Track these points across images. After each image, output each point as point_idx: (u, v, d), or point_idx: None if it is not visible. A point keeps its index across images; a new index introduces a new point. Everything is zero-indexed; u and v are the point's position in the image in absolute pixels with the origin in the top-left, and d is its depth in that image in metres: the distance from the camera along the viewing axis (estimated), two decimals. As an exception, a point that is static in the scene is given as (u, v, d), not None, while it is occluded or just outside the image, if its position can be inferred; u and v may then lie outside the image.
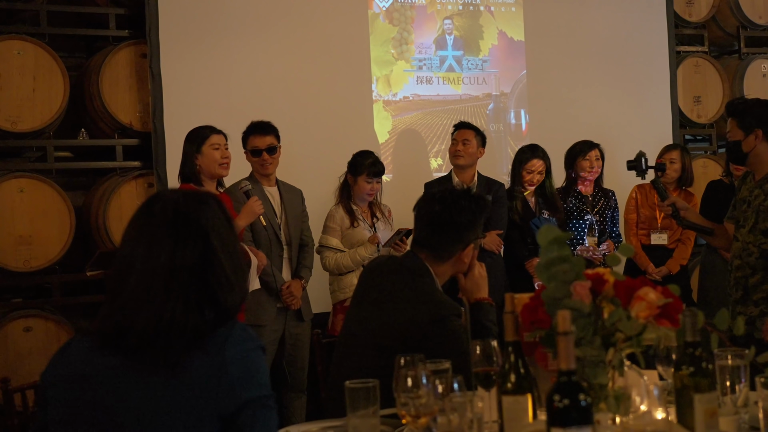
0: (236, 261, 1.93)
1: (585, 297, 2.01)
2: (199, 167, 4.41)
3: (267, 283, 4.73)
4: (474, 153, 5.39)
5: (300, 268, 4.95)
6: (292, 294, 4.82)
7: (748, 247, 4.01)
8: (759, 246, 3.97)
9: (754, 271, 3.99)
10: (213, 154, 4.41)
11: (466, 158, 5.38)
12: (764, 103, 4.15)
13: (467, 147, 5.36)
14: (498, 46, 6.54)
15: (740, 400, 2.36)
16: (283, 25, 5.84)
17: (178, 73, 5.54)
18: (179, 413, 1.77)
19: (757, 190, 4.03)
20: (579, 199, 5.62)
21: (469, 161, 5.39)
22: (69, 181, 5.72)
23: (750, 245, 4.00)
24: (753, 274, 4.00)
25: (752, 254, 3.99)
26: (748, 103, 4.10)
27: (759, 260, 3.97)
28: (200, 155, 4.41)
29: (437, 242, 2.95)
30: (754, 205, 4.02)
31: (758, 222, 3.99)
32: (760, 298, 3.96)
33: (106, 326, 1.84)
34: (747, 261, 4.01)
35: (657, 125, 6.92)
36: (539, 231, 2.07)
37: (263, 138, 4.84)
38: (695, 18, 7.34)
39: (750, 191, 4.08)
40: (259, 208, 4.51)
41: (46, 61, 5.42)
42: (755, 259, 3.99)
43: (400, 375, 2.10)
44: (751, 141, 4.00)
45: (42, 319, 5.26)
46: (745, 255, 4.03)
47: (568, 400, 1.69)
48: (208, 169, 4.42)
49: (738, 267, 4.07)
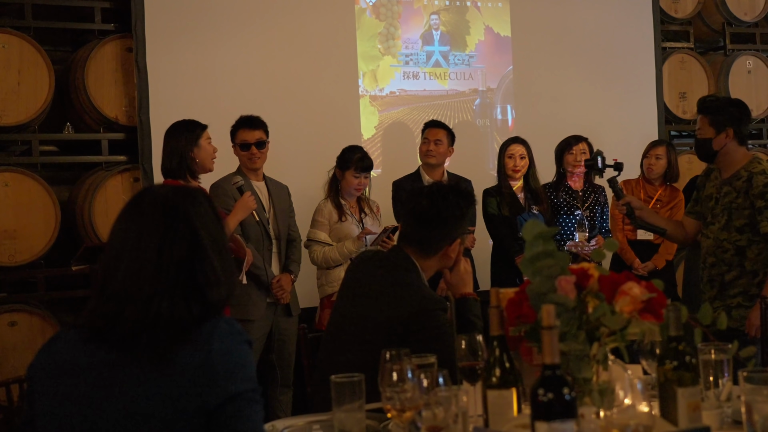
0: (224, 257, 1.94)
1: (570, 292, 2.02)
2: (196, 162, 4.36)
3: (257, 277, 4.73)
4: (445, 152, 5.40)
5: (289, 262, 4.95)
6: (283, 288, 4.81)
7: (722, 245, 4.09)
8: (734, 243, 4.06)
9: (730, 268, 4.08)
10: (209, 148, 4.39)
11: (438, 157, 5.38)
12: (736, 102, 4.22)
13: (439, 146, 5.37)
14: (484, 42, 6.55)
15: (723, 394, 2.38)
16: (269, 19, 5.83)
17: (164, 67, 5.52)
18: (165, 406, 1.77)
19: (726, 188, 4.10)
20: (569, 194, 5.63)
21: (440, 160, 5.41)
22: (54, 176, 5.70)
23: (724, 242, 4.08)
24: (729, 271, 4.08)
25: (727, 251, 4.08)
26: (721, 102, 4.17)
27: (734, 256, 4.06)
28: (198, 149, 4.34)
29: (425, 237, 2.95)
30: (724, 202, 4.08)
31: (732, 219, 4.06)
32: (738, 292, 4.05)
33: (93, 319, 1.85)
34: (722, 258, 4.09)
35: (643, 121, 6.95)
36: (524, 226, 2.08)
37: (252, 132, 4.83)
38: (681, 14, 7.37)
39: (717, 189, 4.14)
40: (252, 203, 4.52)
41: (31, 55, 5.39)
42: (731, 255, 4.07)
43: (385, 369, 2.10)
44: (722, 139, 4.06)
45: (27, 313, 5.25)
46: (719, 252, 4.10)
47: (553, 394, 1.70)
48: (204, 163, 4.38)
49: (713, 264, 4.14)
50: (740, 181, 4.06)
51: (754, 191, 4.00)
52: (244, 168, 4.87)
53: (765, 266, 4.02)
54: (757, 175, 4.02)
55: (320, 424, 2.49)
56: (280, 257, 4.93)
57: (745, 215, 4.04)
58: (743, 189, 4.04)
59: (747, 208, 4.03)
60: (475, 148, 6.49)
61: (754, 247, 4.04)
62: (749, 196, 4.01)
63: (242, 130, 4.85)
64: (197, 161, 4.35)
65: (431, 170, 5.42)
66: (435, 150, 5.36)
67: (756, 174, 4.02)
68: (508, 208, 5.44)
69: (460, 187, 3.08)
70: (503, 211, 5.44)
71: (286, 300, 4.86)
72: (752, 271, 4.04)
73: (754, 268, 4.04)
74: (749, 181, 4.03)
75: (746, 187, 4.03)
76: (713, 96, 4.31)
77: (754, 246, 4.04)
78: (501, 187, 5.52)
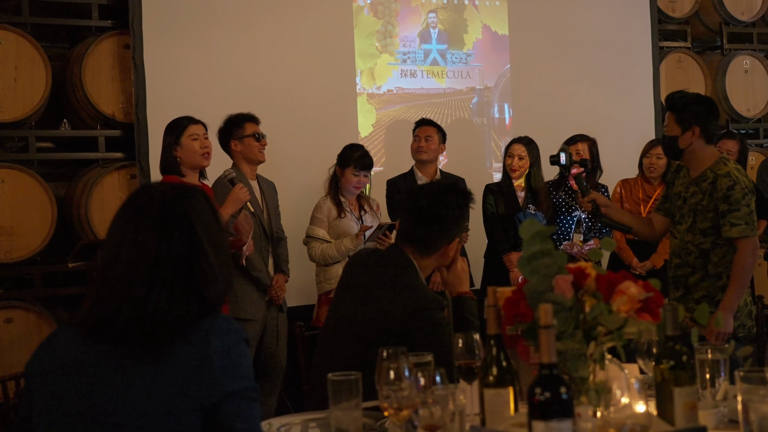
0: (221, 254, 1.95)
1: (567, 291, 2.02)
2: (179, 159, 4.38)
3: (258, 279, 4.73)
4: (436, 149, 5.46)
5: (281, 263, 4.96)
6: (281, 288, 4.87)
7: (687, 246, 4.00)
8: (698, 245, 3.97)
9: (694, 270, 3.98)
10: (192, 144, 4.38)
11: (429, 154, 5.44)
12: (704, 100, 4.12)
13: (429, 143, 5.43)
14: (482, 40, 6.54)
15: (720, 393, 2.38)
16: (267, 16, 5.83)
17: (161, 63, 5.51)
18: (162, 403, 1.78)
19: (693, 188, 4.00)
20: (569, 194, 5.63)
21: (432, 157, 5.46)
22: (51, 172, 5.68)
23: (689, 244, 3.99)
24: (693, 273, 3.99)
25: (692, 253, 3.99)
26: (688, 99, 4.04)
27: (698, 259, 3.96)
28: (179, 147, 4.36)
29: (423, 236, 2.95)
30: (690, 203, 4.00)
31: (696, 221, 3.97)
32: (701, 296, 3.94)
33: (91, 315, 1.86)
34: (686, 260, 4.00)
35: (640, 120, 6.95)
36: (521, 225, 2.08)
37: (258, 126, 4.89)
38: (678, 14, 7.38)
39: (685, 187, 4.04)
40: (244, 195, 4.49)
41: (28, 51, 5.38)
42: (695, 258, 3.97)
43: (382, 367, 2.10)
44: (688, 137, 3.96)
45: (23, 310, 5.23)
46: (684, 254, 4.01)
47: (549, 393, 1.70)
48: (188, 160, 4.38)
49: (678, 266, 4.05)
50: (706, 183, 3.94)
51: (718, 194, 3.88)
52: (247, 162, 4.86)
53: (728, 270, 3.91)
54: (721, 177, 3.90)
55: (317, 422, 2.49)
56: (274, 257, 4.94)
57: (709, 218, 3.93)
58: (708, 191, 3.93)
59: (711, 211, 3.92)
60: (472, 147, 6.49)
61: (718, 250, 3.93)
62: (713, 199, 3.91)
63: (250, 123, 4.87)
64: (180, 159, 4.35)
65: (424, 167, 5.46)
66: (426, 146, 5.43)
67: (720, 176, 3.90)
68: (504, 206, 5.46)
69: (459, 186, 3.08)
70: (499, 209, 5.47)
71: (281, 300, 4.89)
72: (715, 274, 3.93)
73: (717, 272, 3.93)
74: (714, 183, 3.91)
75: (711, 189, 3.92)
76: (681, 92, 4.17)
77: (718, 249, 3.93)
78: (502, 184, 5.56)
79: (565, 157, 4.30)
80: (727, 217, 3.87)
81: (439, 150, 5.50)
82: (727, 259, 3.92)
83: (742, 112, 7.48)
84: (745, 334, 3.98)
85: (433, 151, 5.45)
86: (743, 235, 3.87)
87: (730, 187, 3.87)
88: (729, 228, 3.87)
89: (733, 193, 3.87)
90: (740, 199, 3.87)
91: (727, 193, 3.87)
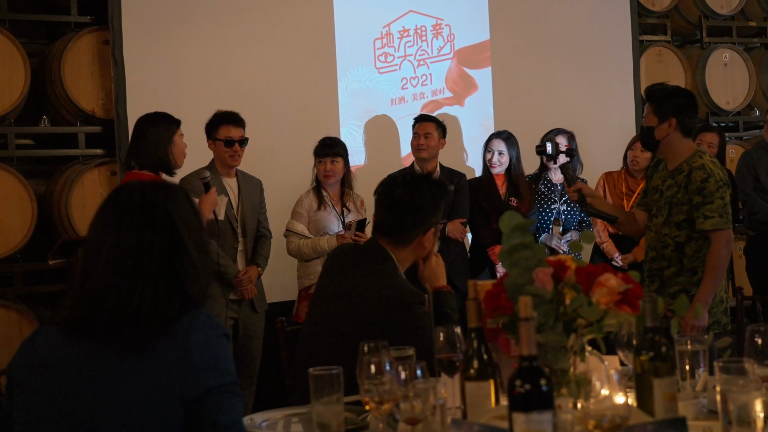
0: (203, 250, 1.97)
1: (547, 283, 2.03)
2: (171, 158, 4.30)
3: (221, 273, 4.63)
4: (436, 145, 5.42)
5: (257, 256, 4.91)
6: (250, 280, 4.78)
7: (663, 239, 3.99)
8: (674, 238, 3.96)
9: (670, 264, 3.97)
10: (182, 144, 4.34)
11: (429, 151, 5.40)
12: (683, 93, 4.12)
13: (429, 140, 5.39)
14: (463, 35, 6.54)
15: (699, 384, 2.40)
16: (248, 12, 5.80)
17: (141, 60, 5.48)
18: (144, 399, 1.78)
19: (669, 180, 3.99)
20: (548, 187, 5.65)
21: (432, 153, 5.43)
22: (30, 169, 5.65)
23: (666, 237, 3.98)
24: (668, 267, 3.98)
25: (668, 246, 3.97)
26: (667, 90, 4.05)
27: (674, 252, 3.96)
28: (173, 146, 4.27)
29: (398, 226, 2.96)
30: (666, 195, 3.99)
31: (672, 214, 3.96)
32: (677, 290, 3.92)
33: (73, 312, 1.86)
34: (662, 253, 3.99)
35: (621, 114, 6.96)
36: (501, 217, 2.08)
37: (237, 129, 4.79)
38: (658, 7, 7.40)
39: (662, 180, 4.03)
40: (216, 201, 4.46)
41: (6, 47, 5.34)
42: (671, 251, 3.97)
43: (363, 362, 2.11)
44: (664, 129, 3.95)
45: (3, 308, 5.20)
46: (660, 247, 4.00)
47: (530, 385, 1.71)
48: (176, 160, 4.31)
49: (653, 259, 4.04)
50: (681, 175, 3.94)
51: (692, 187, 3.87)
52: (220, 164, 4.82)
53: (703, 264, 3.89)
54: (696, 170, 3.89)
55: (299, 417, 2.50)
56: (246, 254, 4.88)
57: (684, 210, 3.92)
58: (683, 184, 3.92)
59: (686, 204, 3.91)
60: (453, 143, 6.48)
61: (692, 243, 3.92)
62: (688, 191, 3.90)
63: (226, 126, 4.77)
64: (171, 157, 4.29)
65: (424, 164, 5.44)
66: (425, 143, 5.39)
67: (695, 169, 3.89)
68: (486, 200, 5.48)
69: (433, 177, 3.09)
70: (482, 203, 5.49)
71: (250, 295, 4.81)
72: (691, 268, 3.93)
73: (692, 266, 3.92)
74: (689, 175, 3.90)
75: (686, 182, 3.91)
76: (661, 84, 4.16)
77: (693, 242, 3.92)
78: (483, 179, 5.57)
79: (551, 146, 4.33)
80: (701, 210, 3.86)
81: (440, 145, 5.44)
82: (702, 253, 3.90)
83: (721, 105, 7.51)
84: (720, 330, 3.98)
85: (432, 148, 5.40)
86: (717, 228, 3.85)
87: (704, 180, 3.86)
88: (703, 220, 3.86)
89: (707, 186, 3.86)
90: (714, 191, 3.86)
91: (702, 185, 3.86)
